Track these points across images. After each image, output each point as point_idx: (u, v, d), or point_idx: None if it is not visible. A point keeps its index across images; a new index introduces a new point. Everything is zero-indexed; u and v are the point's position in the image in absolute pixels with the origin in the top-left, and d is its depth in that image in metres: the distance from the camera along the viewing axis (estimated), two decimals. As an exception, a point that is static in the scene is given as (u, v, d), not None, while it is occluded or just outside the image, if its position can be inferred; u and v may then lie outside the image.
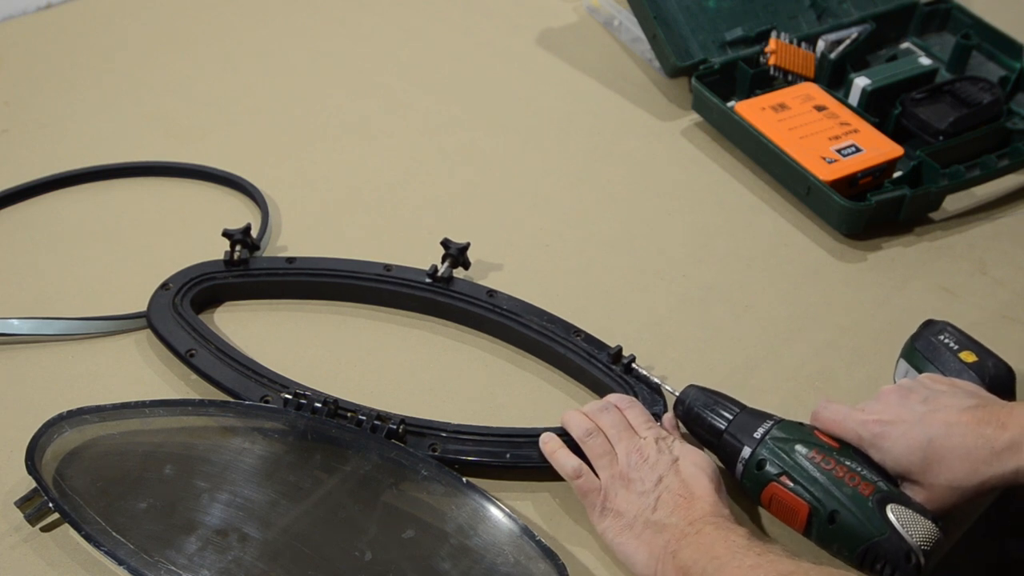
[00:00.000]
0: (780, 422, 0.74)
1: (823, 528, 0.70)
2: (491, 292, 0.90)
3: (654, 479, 0.71)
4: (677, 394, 0.79)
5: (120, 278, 0.93)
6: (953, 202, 1.05)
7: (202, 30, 1.28)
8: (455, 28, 1.31)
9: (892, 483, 0.70)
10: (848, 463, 0.70)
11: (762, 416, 0.75)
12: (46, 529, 0.72)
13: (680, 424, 0.79)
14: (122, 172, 1.05)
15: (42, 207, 1.01)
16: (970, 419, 0.68)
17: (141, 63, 1.21)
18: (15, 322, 0.87)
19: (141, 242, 0.97)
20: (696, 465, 0.71)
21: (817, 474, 0.70)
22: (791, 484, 0.71)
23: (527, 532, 0.71)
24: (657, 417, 0.78)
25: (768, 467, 0.72)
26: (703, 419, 0.76)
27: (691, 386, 0.79)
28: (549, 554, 0.70)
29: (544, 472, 0.76)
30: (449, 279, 0.91)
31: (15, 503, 0.72)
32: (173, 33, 1.27)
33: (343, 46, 1.27)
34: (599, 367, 0.84)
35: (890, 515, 0.68)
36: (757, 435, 0.73)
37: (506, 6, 1.35)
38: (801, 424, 0.74)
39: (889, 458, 0.70)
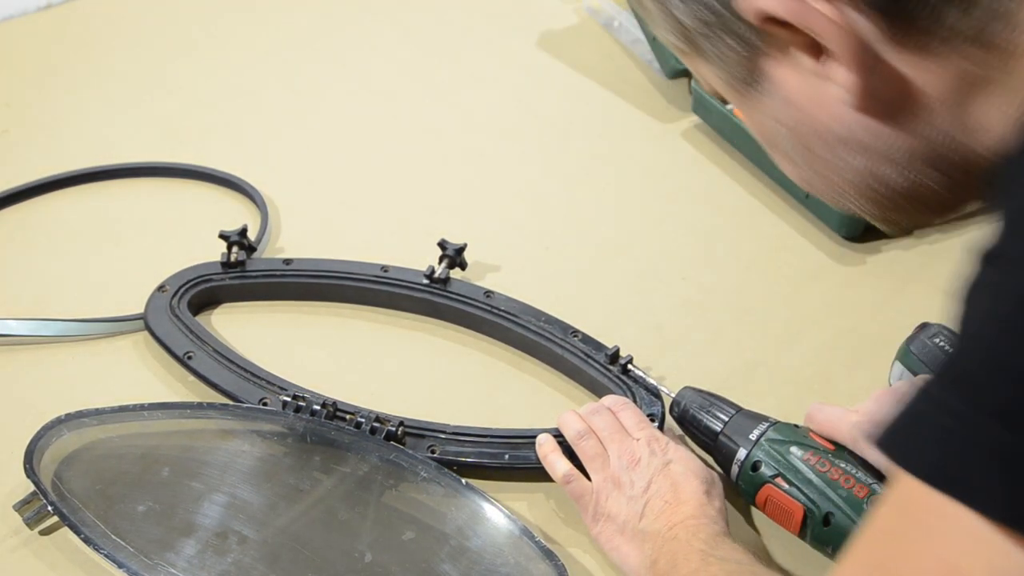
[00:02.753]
0: (776, 424, 0.74)
1: (818, 530, 0.70)
2: (488, 293, 0.90)
3: (644, 483, 0.71)
4: (673, 396, 0.79)
5: (118, 279, 0.93)
6: (952, 204, 1.05)
7: (202, 30, 1.28)
8: (455, 29, 1.31)
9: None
10: (843, 465, 0.70)
11: (758, 418, 0.75)
12: (45, 532, 0.72)
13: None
14: (122, 172, 1.05)
15: (41, 207, 1.01)
16: None
17: (141, 63, 1.22)
18: (12, 323, 0.87)
19: (139, 243, 0.97)
20: (688, 468, 0.71)
21: (812, 476, 0.70)
22: (786, 486, 0.71)
23: (526, 533, 0.72)
24: (653, 418, 0.78)
25: (763, 469, 0.72)
26: (699, 421, 0.76)
27: (687, 388, 0.79)
28: (548, 555, 0.70)
29: (543, 473, 0.76)
30: (446, 280, 0.91)
31: (13, 506, 0.72)
32: (173, 33, 1.27)
33: (343, 47, 1.27)
34: (596, 367, 0.84)
35: (885, 518, 0.68)
36: (753, 437, 0.73)
37: (506, 7, 1.35)
38: (797, 426, 0.74)
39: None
